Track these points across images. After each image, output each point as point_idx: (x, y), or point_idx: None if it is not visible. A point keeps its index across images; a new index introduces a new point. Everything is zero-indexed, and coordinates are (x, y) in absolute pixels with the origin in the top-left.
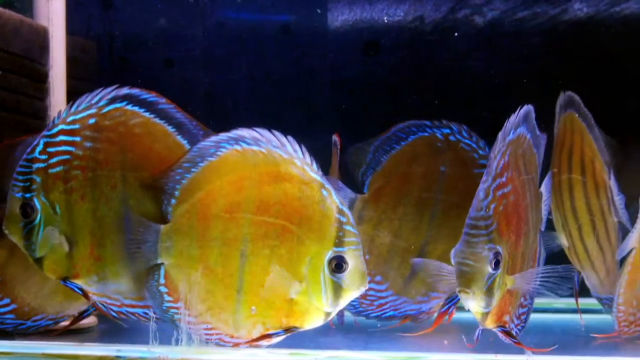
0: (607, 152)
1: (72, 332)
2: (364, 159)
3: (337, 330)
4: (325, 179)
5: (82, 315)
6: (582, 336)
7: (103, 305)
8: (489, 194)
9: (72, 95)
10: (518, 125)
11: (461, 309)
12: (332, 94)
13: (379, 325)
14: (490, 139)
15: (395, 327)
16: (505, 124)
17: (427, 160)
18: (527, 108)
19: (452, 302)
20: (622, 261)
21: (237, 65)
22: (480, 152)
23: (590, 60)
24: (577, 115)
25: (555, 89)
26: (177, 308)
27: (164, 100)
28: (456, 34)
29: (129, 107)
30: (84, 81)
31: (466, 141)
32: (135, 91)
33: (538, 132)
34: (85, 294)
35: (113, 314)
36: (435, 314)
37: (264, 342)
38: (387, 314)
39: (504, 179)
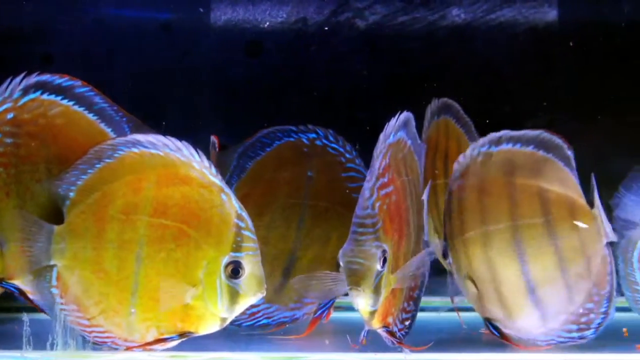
0: None
1: None
2: (228, 165)
3: (219, 332)
4: (224, 183)
5: None
6: (462, 333)
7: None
8: (374, 193)
9: None
10: (398, 129)
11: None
12: (213, 94)
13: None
14: (370, 141)
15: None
16: (385, 127)
17: (293, 166)
18: (407, 115)
19: (326, 306)
20: None
21: (117, 62)
22: (347, 155)
23: (467, 65)
24: (453, 120)
25: (434, 93)
26: (68, 310)
27: (79, 83)
28: (338, 37)
29: (44, 96)
30: None
31: (332, 145)
32: (47, 77)
33: (419, 141)
34: (23, 294)
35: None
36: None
37: (158, 347)
38: (260, 323)
39: (385, 179)
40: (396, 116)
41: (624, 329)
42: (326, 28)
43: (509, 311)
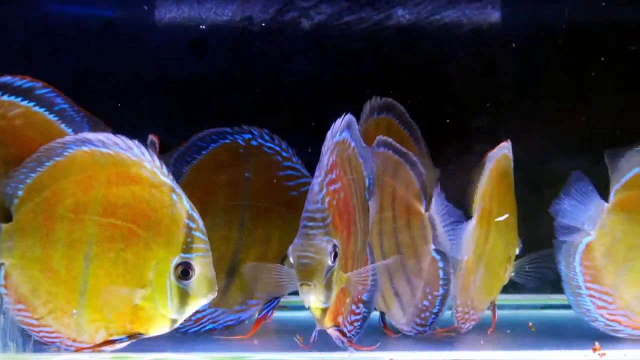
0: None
1: None
2: None
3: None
4: (175, 183)
5: None
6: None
7: None
8: (323, 188)
9: None
10: (343, 129)
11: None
12: (158, 93)
13: None
14: (315, 141)
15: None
16: (332, 125)
17: (231, 168)
18: (350, 117)
19: (270, 306)
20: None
21: (60, 60)
22: (284, 154)
23: (411, 65)
24: (396, 121)
25: (378, 92)
26: (16, 310)
27: (40, 84)
28: (284, 36)
29: (5, 97)
30: None
31: (268, 144)
32: (7, 79)
33: (364, 145)
34: None
35: None
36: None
37: (108, 348)
38: (207, 328)
39: (333, 176)
40: (341, 117)
41: (530, 324)
42: (272, 27)
43: (384, 300)
